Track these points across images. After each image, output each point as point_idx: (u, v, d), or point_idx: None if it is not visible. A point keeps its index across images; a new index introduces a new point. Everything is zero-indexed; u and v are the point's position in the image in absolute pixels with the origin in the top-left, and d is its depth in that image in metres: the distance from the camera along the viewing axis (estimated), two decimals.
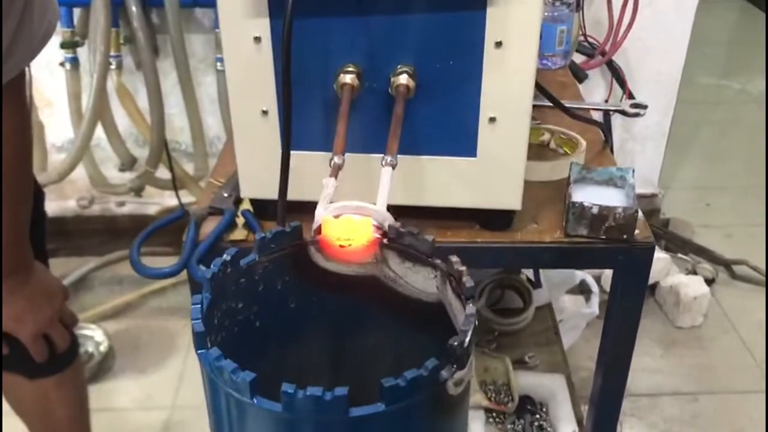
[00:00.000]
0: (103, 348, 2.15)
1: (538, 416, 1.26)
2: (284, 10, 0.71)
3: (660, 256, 2.26)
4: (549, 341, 1.47)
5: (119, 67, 2.19)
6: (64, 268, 2.41)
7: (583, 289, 1.98)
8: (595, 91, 2.27)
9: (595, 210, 0.90)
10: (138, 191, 2.39)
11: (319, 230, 0.55)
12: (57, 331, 1.21)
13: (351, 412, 0.39)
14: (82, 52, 2.16)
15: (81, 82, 2.23)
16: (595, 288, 1.94)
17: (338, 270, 0.56)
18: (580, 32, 1.80)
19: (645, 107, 1.21)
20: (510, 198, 0.91)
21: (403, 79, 0.81)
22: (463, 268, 0.49)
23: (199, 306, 0.45)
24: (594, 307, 1.92)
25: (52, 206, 2.54)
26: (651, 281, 2.22)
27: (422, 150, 0.88)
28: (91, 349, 2.15)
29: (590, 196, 0.95)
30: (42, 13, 0.89)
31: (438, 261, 0.52)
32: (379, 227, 0.55)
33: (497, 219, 0.94)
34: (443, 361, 0.42)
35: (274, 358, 0.53)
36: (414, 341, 0.58)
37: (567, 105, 1.10)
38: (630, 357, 1.02)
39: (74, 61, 2.17)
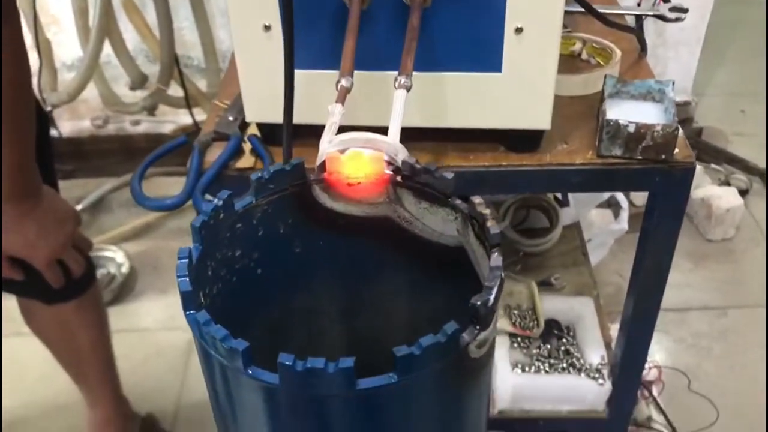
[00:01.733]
0: (124, 269, 2.15)
1: (564, 340, 1.21)
2: None
3: None
4: (576, 262, 1.42)
5: None
6: (83, 190, 2.38)
7: (611, 204, 1.91)
8: None
9: (631, 128, 0.82)
10: (151, 110, 2.33)
11: (324, 167, 0.49)
12: (71, 256, 1.20)
13: (359, 384, 0.34)
14: None
15: None
16: (624, 203, 1.87)
17: (346, 211, 0.50)
18: None
19: (685, 11, 1.11)
20: (539, 116, 0.83)
21: None
22: (488, 212, 0.42)
23: (186, 260, 0.40)
24: (623, 223, 1.86)
25: (66, 126, 2.51)
26: None
27: (441, 66, 0.80)
28: (112, 270, 2.16)
29: (626, 112, 0.86)
30: None
31: (458, 202, 0.45)
32: (391, 162, 0.49)
33: (524, 140, 0.87)
34: (464, 323, 0.37)
35: (279, 307, 0.47)
36: (431, 286, 0.52)
37: (600, 10, 1.01)
38: (664, 282, 0.96)
39: None
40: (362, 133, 0.51)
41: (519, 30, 0.77)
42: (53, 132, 2.38)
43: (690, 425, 1.55)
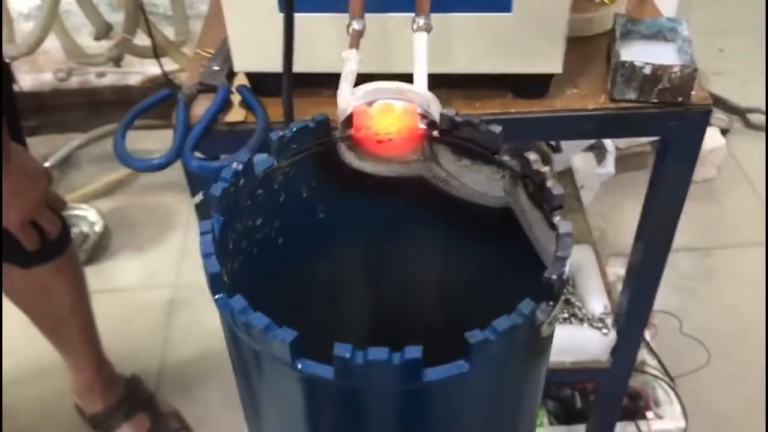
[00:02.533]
0: (98, 228, 2.09)
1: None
2: None
3: None
4: (571, 209, 1.39)
5: None
6: (49, 147, 2.29)
7: (594, 147, 1.88)
8: None
9: (647, 70, 0.78)
10: (117, 61, 2.22)
11: (349, 122, 0.44)
12: (45, 216, 1.16)
13: (426, 375, 0.30)
14: None
15: None
16: (611, 147, 1.84)
17: (375, 171, 0.45)
18: None
19: None
20: (550, 59, 0.78)
21: None
22: (546, 170, 0.38)
23: (210, 235, 0.35)
24: (610, 166, 1.84)
25: (27, 80, 2.39)
26: None
27: (447, 7, 0.74)
28: (85, 229, 2.09)
29: (639, 53, 0.82)
30: None
31: (507, 158, 0.41)
32: (425, 115, 0.44)
33: (533, 84, 0.82)
34: (537, 300, 0.32)
35: (299, 276, 0.42)
36: (465, 248, 0.48)
37: None
38: (673, 232, 0.94)
39: None
40: (388, 82, 0.45)
41: None
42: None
43: (683, 367, 1.56)
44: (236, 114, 0.82)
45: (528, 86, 0.82)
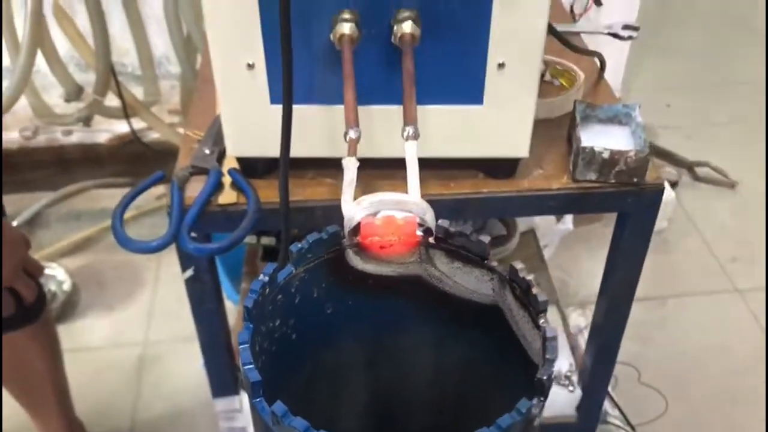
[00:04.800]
0: (66, 286, 2.09)
1: None
2: None
3: None
4: (535, 267, 1.46)
5: None
6: (16, 206, 2.29)
7: None
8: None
9: (606, 154, 0.86)
10: (87, 121, 2.26)
11: (356, 232, 0.50)
12: (22, 282, 1.18)
13: None
14: None
15: (11, 3, 2.05)
16: None
17: (378, 271, 0.51)
18: None
19: (637, 29, 1.16)
20: (518, 145, 0.86)
21: (408, 27, 0.73)
22: (531, 277, 0.44)
23: (248, 346, 0.40)
24: (568, 223, 1.93)
25: None
26: None
27: (425, 99, 0.81)
28: (53, 288, 2.09)
29: (596, 137, 0.90)
30: None
31: (495, 264, 0.47)
32: (421, 224, 0.50)
33: (502, 167, 0.89)
34: (531, 397, 0.38)
35: (309, 363, 0.48)
36: (456, 337, 0.54)
37: (559, 28, 1.04)
38: (632, 295, 1.01)
39: None
40: (388, 193, 0.52)
41: (501, 65, 0.79)
42: None
43: (644, 416, 1.63)
44: (228, 196, 0.87)
45: (498, 168, 0.89)
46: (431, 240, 0.49)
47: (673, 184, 2.47)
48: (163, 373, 1.90)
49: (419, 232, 0.50)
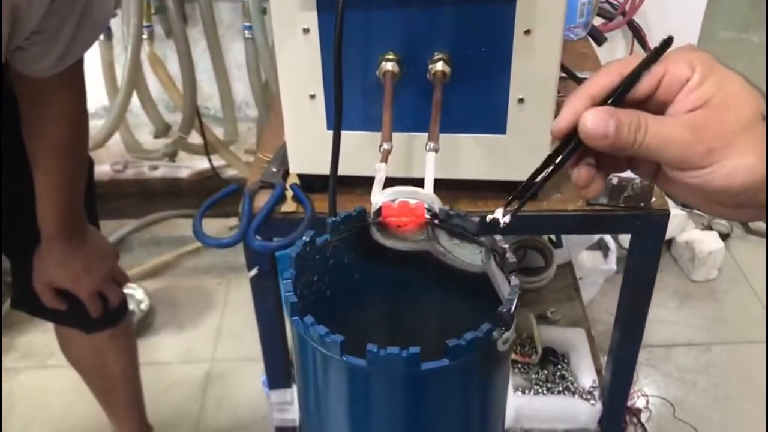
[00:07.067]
0: (144, 306, 2.25)
1: (560, 366, 1.36)
2: (336, 6, 0.79)
3: (676, 212, 2.33)
4: (570, 297, 1.57)
5: (151, 36, 2.25)
6: (104, 231, 2.48)
7: (601, 246, 2.07)
8: (616, 52, 2.29)
9: (614, 181, 0.98)
10: (172, 156, 2.47)
11: (379, 213, 0.64)
12: (110, 288, 1.31)
13: (422, 366, 0.49)
14: (114, 23, 2.21)
15: (113, 51, 2.31)
16: (612, 245, 2.02)
17: (395, 246, 0.65)
18: None
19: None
20: None
21: (440, 65, 0.89)
22: (506, 246, 0.58)
23: (290, 280, 0.55)
24: (612, 263, 2.01)
25: None
26: (667, 237, 2.27)
27: (457, 129, 0.97)
28: (132, 307, 2.26)
29: None
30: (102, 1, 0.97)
31: (483, 239, 0.61)
32: (429, 209, 0.64)
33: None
34: (494, 324, 0.52)
35: (337, 320, 0.63)
36: (459, 305, 0.67)
37: (580, 76, 1.18)
38: (646, 313, 1.11)
39: (107, 31, 2.23)
40: (407, 186, 0.66)
41: (521, 100, 0.94)
42: None
43: None
44: (289, 206, 1.04)
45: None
46: (436, 221, 0.64)
47: (725, 236, 2.52)
48: (226, 389, 2.04)
49: (427, 215, 0.64)
